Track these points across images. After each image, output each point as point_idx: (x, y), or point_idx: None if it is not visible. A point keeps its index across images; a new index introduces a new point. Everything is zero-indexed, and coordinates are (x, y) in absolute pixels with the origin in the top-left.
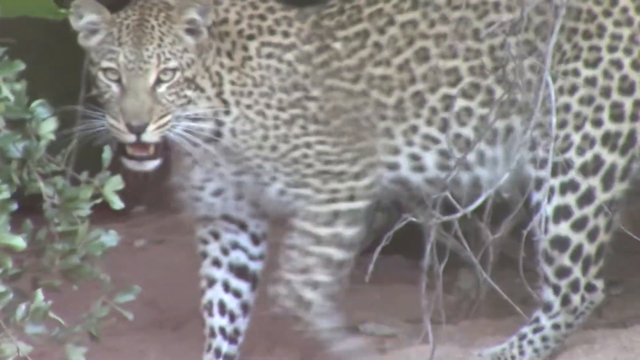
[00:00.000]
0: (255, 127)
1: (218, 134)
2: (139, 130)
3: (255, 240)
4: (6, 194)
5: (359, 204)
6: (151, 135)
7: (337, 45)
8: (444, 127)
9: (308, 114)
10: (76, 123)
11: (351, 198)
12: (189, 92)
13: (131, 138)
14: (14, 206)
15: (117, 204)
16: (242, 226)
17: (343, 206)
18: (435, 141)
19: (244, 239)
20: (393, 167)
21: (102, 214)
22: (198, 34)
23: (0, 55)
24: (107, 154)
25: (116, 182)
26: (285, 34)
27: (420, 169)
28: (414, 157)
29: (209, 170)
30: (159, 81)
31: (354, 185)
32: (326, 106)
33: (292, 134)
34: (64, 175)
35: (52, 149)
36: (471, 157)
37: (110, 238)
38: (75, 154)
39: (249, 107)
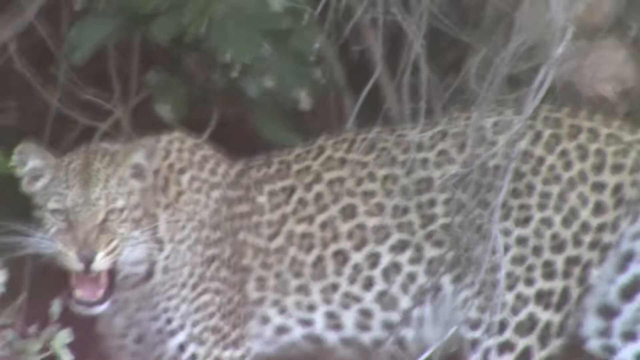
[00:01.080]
0: (184, 263)
1: (150, 274)
2: (88, 259)
3: None
4: None
5: None
6: (101, 263)
7: (262, 199)
8: (368, 285)
9: (223, 257)
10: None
11: None
12: (135, 234)
13: (80, 266)
14: None
15: (66, 357)
16: None
17: None
18: (357, 300)
19: None
20: (307, 323)
21: None
22: (143, 178)
23: None
24: (56, 307)
25: (65, 336)
26: (213, 172)
27: (337, 327)
28: (331, 315)
29: (131, 316)
30: (106, 220)
31: (232, 355)
32: (234, 257)
33: (208, 275)
34: (13, 327)
35: (2, 301)
36: (394, 316)
37: None
38: (24, 307)
39: (181, 241)
